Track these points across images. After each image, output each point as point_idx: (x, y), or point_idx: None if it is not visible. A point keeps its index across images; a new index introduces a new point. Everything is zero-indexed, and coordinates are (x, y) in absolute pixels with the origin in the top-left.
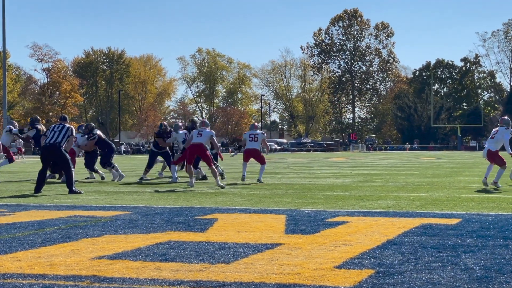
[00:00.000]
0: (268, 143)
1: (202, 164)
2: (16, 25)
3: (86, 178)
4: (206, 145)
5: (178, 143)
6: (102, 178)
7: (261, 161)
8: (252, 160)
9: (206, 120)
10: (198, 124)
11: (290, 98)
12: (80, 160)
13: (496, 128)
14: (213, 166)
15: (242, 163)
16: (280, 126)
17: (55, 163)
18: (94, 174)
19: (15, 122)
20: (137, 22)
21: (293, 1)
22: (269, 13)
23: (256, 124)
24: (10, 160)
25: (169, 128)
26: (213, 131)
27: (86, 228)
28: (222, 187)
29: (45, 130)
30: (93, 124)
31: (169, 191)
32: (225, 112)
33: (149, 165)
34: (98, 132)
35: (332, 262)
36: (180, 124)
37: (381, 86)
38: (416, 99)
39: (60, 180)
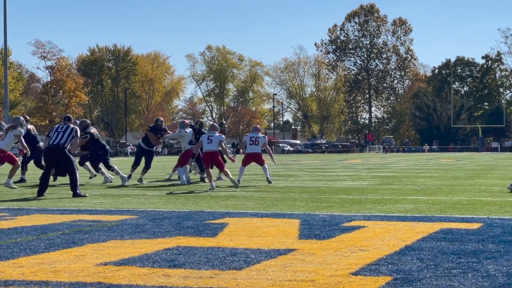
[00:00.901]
0: (280, 145)
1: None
2: (18, 21)
3: (90, 178)
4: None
5: (183, 141)
6: (90, 177)
7: (262, 162)
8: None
9: (215, 124)
10: (207, 128)
11: (304, 97)
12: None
13: None
14: (225, 169)
15: (240, 167)
16: (293, 127)
17: (59, 166)
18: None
19: (22, 118)
20: (144, 17)
21: None
22: (282, 8)
23: (259, 127)
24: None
25: (164, 126)
26: (222, 136)
27: (91, 233)
28: (236, 185)
29: (35, 130)
30: (88, 121)
31: (178, 194)
32: (236, 112)
33: (136, 163)
34: (93, 130)
35: (348, 269)
36: (187, 122)
37: (398, 84)
38: (435, 98)
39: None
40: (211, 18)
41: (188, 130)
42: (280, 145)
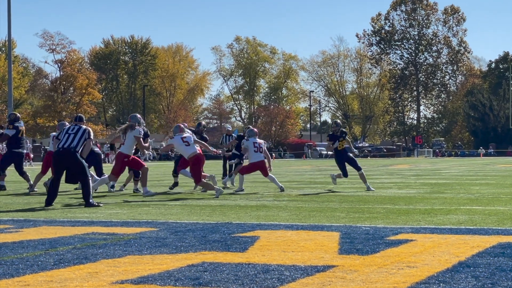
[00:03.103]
0: (318, 148)
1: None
2: (23, 9)
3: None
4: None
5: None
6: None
7: (267, 172)
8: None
9: (255, 129)
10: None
11: (344, 94)
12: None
13: None
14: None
15: (240, 176)
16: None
17: (69, 171)
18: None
19: (139, 116)
20: (165, 5)
21: None
22: None
23: (256, 130)
24: None
25: (146, 130)
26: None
27: (105, 248)
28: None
29: (24, 131)
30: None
31: (203, 203)
32: (268, 111)
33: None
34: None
35: (395, 287)
36: (182, 126)
37: (450, 80)
38: (492, 96)
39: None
40: (240, 6)
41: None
42: (317, 148)
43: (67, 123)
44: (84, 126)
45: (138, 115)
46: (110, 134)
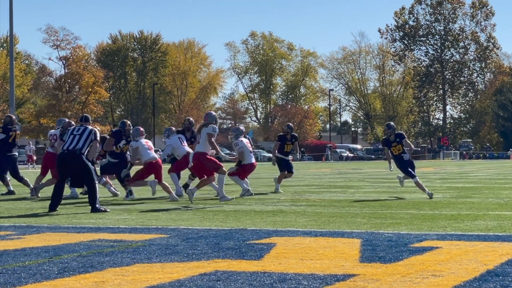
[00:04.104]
0: (338, 150)
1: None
2: (26, 3)
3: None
4: None
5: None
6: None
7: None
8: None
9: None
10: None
11: (366, 93)
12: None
13: None
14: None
15: (239, 179)
16: (353, 129)
17: (74, 174)
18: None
19: (213, 113)
20: None
21: None
22: None
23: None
24: None
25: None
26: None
27: (113, 255)
28: (176, 200)
29: (16, 135)
30: (67, 120)
31: (216, 208)
32: (285, 111)
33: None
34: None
35: None
36: (174, 129)
37: (478, 78)
38: None
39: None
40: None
41: (175, 136)
42: (338, 150)
43: (71, 122)
44: (90, 127)
45: (213, 113)
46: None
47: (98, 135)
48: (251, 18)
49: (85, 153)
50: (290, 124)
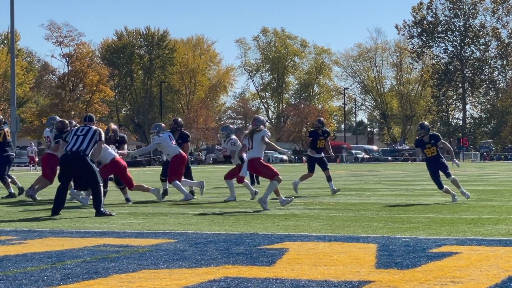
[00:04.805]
0: (353, 151)
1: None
2: None
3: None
4: None
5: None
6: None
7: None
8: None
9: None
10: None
11: (382, 92)
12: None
13: None
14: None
15: (246, 183)
16: (369, 129)
17: (78, 177)
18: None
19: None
20: None
21: None
22: None
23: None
24: None
25: (123, 135)
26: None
27: (118, 261)
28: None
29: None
30: (57, 118)
31: (226, 212)
32: (298, 111)
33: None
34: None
35: None
36: (163, 125)
37: (499, 76)
38: None
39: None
40: None
41: (166, 133)
42: (353, 151)
43: (64, 121)
44: (94, 127)
45: (261, 117)
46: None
47: (103, 135)
48: (262, 14)
49: (89, 155)
50: (321, 118)
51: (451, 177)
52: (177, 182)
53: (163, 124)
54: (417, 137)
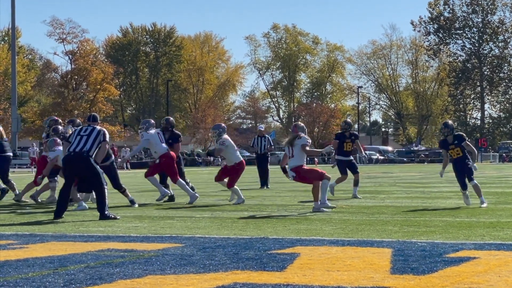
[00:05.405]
0: (367, 152)
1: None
2: None
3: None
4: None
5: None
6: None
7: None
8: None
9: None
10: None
11: (397, 91)
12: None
13: None
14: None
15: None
16: (383, 129)
17: (82, 179)
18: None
19: (301, 124)
20: None
21: None
22: None
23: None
24: None
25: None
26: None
27: (123, 266)
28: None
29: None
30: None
31: (234, 216)
32: (310, 110)
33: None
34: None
35: None
36: (153, 121)
37: None
38: None
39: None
40: None
41: (153, 130)
42: (367, 152)
43: (57, 120)
44: (98, 127)
45: (301, 124)
46: (129, 136)
47: (107, 136)
48: (273, 9)
49: (93, 156)
50: (348, 120)
51: (474, 182)
52: (181, 180)
53: (152, 121)
54: (441, 137)
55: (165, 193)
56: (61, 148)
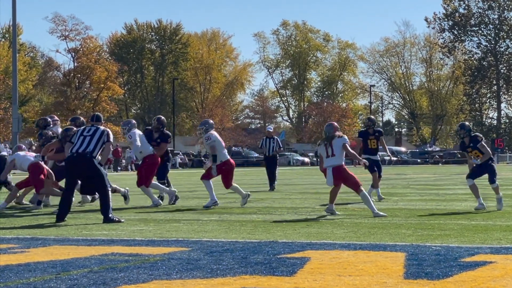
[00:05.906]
0: (380, 153)
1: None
2: None
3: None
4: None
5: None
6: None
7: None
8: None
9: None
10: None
11: (411, 90)
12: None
13: None
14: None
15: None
16: (396, 129)
17: (85, 180)
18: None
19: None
20: None
21: None
22: None
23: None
24: None
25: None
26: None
27: (127, 271)
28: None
29: None
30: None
31: (242, 219)
32: (320, 109)
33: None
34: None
35: None
36: (134, 121)
37: None
38: None
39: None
40: None
41: (136, 131)
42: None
43: (46, 118)
44: (102, 127)
45: (335, 123)
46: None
47: (111, 136)
48: (282, 6)
49: (97, 157)
50: (372, 117)
51: (496, 184)
52: (145, 187)
53: (133, 121)
54: (460, 139)
55: (171, 192)
56: (21, 153)
